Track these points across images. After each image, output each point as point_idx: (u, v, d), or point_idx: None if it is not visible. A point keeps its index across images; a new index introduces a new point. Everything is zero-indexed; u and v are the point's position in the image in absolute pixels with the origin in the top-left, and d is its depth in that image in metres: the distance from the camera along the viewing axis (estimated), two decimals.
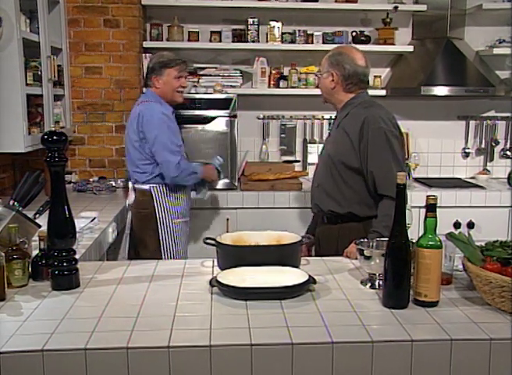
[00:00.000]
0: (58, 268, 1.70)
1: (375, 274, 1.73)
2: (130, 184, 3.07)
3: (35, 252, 1.81)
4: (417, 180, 4.15)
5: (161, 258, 2.91)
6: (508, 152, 4.37)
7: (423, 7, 4.00)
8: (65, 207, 1.69)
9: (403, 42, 4.15)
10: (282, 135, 4.23)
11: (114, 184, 3.59)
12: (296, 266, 1.83)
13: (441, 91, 3.87)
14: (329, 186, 2.45)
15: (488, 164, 4.39)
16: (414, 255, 1.57)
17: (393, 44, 4.02)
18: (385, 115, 2.40)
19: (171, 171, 2.88)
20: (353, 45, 2.79)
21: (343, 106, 2.48)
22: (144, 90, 3.16)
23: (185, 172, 2.92)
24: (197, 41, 3.99)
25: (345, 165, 2.39)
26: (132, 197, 3.03)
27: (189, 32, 3.98)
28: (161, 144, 2.87)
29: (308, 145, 4.25)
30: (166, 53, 3.07)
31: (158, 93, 2.99)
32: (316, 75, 3.74)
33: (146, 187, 2.96)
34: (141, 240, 3.00)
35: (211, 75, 3.91)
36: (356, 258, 1.97)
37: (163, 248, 2.97)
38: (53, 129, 1.68)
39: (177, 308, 1.56)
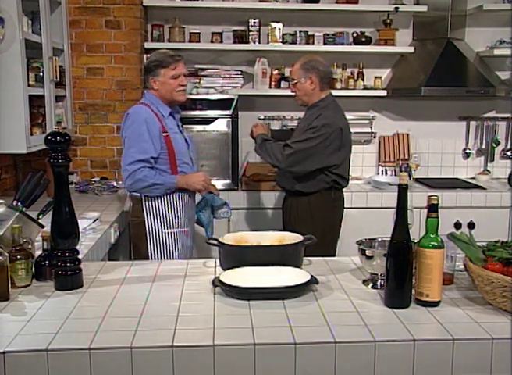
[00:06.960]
0: (61, 268, 1.71)
1: (376, 274, 1.73)
2: (127, 191, 2.93)
3: (38, 252, 1.82)
4: (417, 180, 4.15)
5: None
6: (508, 153, 4.38)
7: (424, 8, 4.01)
8: (69, 207, 1.70)
9: (403, 43, 4.15)
10: None
11: (115, 185, 3.59)
12: (299, 266, 1.84)
13: (441, 91, 3.89)
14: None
15: (488, 165, 4.40)
16: (416, 255, 1.58)
17: (394, 44, 4.03)
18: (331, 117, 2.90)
19: (125, 180, 2.72)
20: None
21: (312, 105, 2.99)
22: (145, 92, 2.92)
23: (141, 183, 2.67)
24: (198, 42, 4.00)
25: None
26: (128, 204, 2.96)
27: (190, 33, 3.99)
28: (125, 149, 2.72)
29: None
30: (163, 51, 2.85)
31: (156, 95, 2.80)
32: (290, 82, 3.54)
33: (138, 193, 2.77)
34: (136, 247, 2.87)
35: (212, 76, 3.92)
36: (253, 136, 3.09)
37: (151, 258, 2.75)
38: (56, 129, 1.69)
39: (180, 308, 1.56)
